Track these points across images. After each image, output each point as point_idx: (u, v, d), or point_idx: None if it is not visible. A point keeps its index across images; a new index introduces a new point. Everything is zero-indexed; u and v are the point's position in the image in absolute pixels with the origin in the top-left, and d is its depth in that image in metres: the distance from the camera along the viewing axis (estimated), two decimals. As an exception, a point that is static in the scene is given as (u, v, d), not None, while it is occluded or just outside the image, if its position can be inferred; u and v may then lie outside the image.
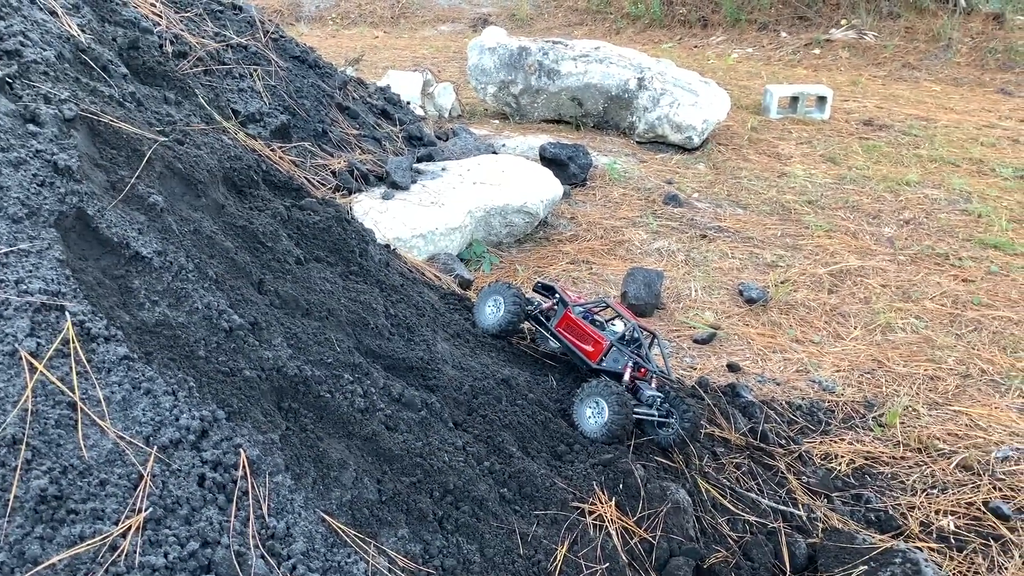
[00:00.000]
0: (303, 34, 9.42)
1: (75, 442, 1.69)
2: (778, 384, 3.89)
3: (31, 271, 1.84)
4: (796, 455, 3.23)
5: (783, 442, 3.34)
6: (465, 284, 4.40)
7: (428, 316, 2.86)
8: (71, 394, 1.71)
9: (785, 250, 5.22)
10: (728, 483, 2.85)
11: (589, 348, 2.91)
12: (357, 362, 2.33)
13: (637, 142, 7.00)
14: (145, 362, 1.87)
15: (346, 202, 4.77)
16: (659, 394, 2.81)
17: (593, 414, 2.63)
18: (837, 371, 3.98)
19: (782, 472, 3.07)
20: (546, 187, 5.36)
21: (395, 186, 5.14)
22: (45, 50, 2.33)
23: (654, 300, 4.39)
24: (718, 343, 4.23)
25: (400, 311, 2.73)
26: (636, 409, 2.69)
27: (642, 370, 2.90)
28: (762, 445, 3.26)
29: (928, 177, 6.52)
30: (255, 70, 3.80)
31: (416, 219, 4.82)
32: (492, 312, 3.08)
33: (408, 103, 6.71)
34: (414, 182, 5.30)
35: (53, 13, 2.65)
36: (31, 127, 2.06)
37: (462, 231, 4.94)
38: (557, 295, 3.14)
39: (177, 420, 1.81)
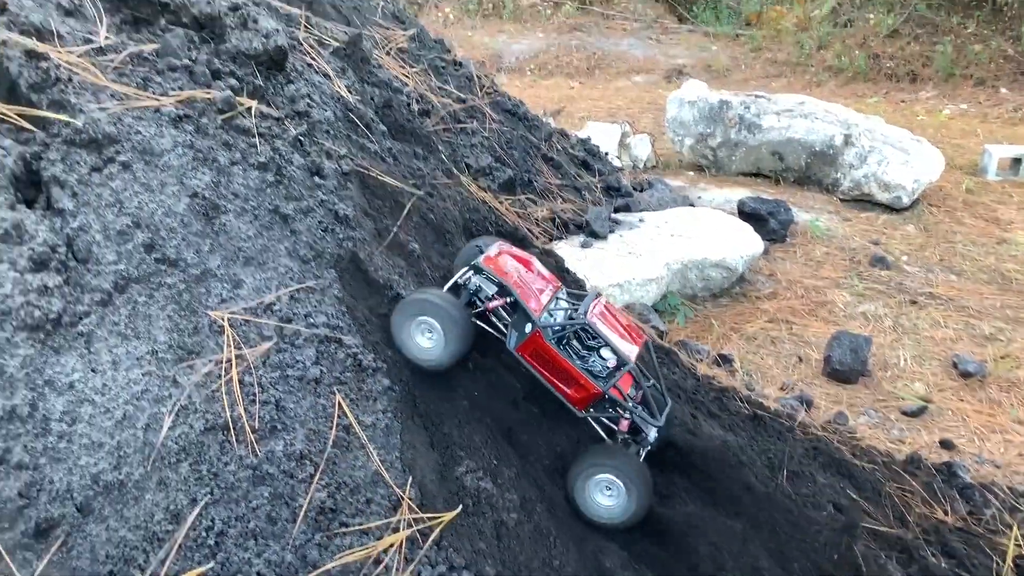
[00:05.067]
0: (503, 84, 9.89)
1: (348, 462, 1.91)
2: (998, 467, 3.64)
3: (316, 306, 2.10)
4: (1022, 545, 3.01)
5: (1006, 530, 3.12)
6: (659, 335, 4.45)
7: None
8: (348, 418, 1.94)
9: (1006, 322, 4.87)
10: (946, 568, 2.71)
11: (572, 392, 2.21)
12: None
13: (840, 199, 6.79)
14: (406, 393, 2.08)
15: (548, 249, 4.97)
16: (659, 424, 2.30)
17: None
18: (1069, 459, 3.67)
19: (1007, 563, 2.87)
20: (745, 242, 5.32)
21: (594, 235, 5.28)
22: (325, 110, 2.66)
23: (860, 367, 4.24)
24: (929, 417, 4.02)
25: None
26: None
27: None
28: (983, 531, 3.07)
29: None
30: (479, 126, 4.09)
31: (613, 268, 4.93)
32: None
33: (606, 154, 6.89)
34: (612, 232, 5.43)
35: (326, 75, 3.00)
36: (317, 179, 2.36)
37: (658, 283, 5.00)
38: (511, 294, 2.20)
39: (431, 451, 2.00)
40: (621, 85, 11.28)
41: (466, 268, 2.27)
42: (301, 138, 2.42)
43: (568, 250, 5.06)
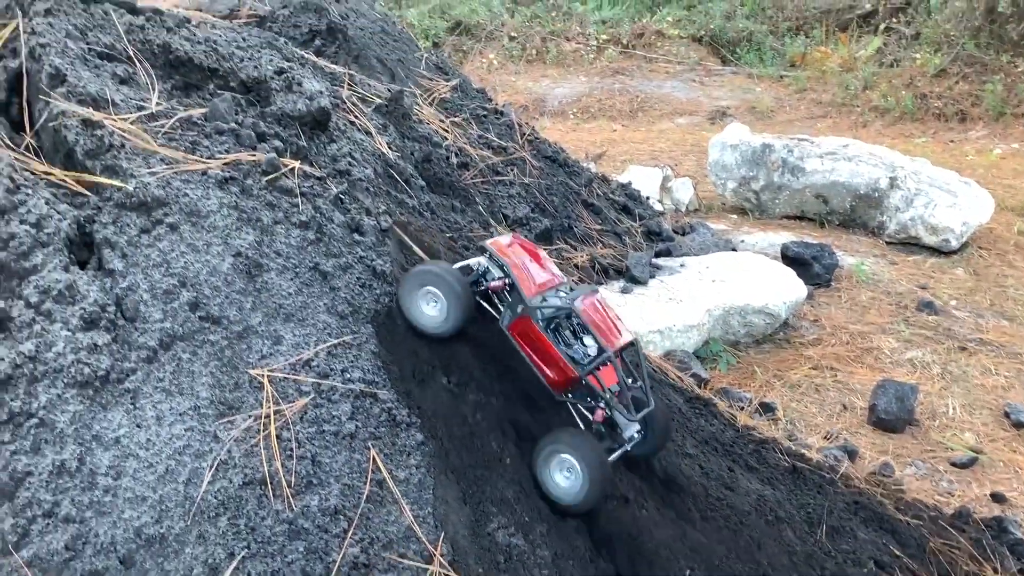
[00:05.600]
0: (546, 127, 10.02)
1: (381, 517, 1.94)
2: (1054, 523, 3.52)
3: (353, 361, 2.16)
4: (1080, 609, 2.91)
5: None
6: (700, 383, 4.41)
7: (676, 420, 2.94)
8: (382, 472, 1.97)
9: (1061, 370, 4.74)
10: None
11: (551, 374, 2.28)
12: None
13: (886, 242, 6.70)
14: (439, 448, 2.11)
15: (587, 294, 4.99)
16: (637, 425, 2.34)
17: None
18: None
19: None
20: (788, 288, 5.27)
21: (634, 281, 5.29)
22: (365, 168, 2.74)
23: (907, 416, 4.16)
24: (980, 469, 3.91)
25: (651, 414, 2.83)
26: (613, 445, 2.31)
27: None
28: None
29: None
30: (518, 175, 4.16)
31: (653, 315, 4.92)
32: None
33: (647, 198, 6.91)
34: (652, 277, 5.43)
35: (368, 133, 3.11)
36: (356, 236, 2.43)
37: (699, 329, 4.97)
38: (508, 277, 2.34)
39: (464, 507, 2.02)
40: (664, 127, 11.32)
41: (478, 249, 2.46)
42: (342, 196, 2.50)
43: (608, 295, 5.08)
